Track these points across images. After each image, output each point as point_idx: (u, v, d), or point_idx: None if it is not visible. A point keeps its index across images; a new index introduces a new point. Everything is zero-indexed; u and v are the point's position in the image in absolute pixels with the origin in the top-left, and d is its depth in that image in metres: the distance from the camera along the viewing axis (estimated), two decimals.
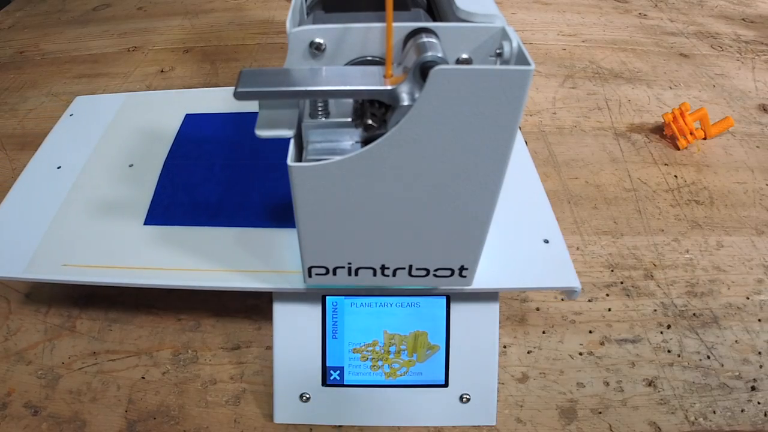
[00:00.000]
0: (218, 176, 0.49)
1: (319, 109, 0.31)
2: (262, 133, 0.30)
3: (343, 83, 0.28)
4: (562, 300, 0.51)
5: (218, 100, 0.58)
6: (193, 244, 0.43)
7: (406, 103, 0.28)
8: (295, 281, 0.39)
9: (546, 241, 0.42)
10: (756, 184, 0.64)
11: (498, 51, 0.29)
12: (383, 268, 0.36)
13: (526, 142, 0.51)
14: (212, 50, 0.89)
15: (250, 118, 0.45)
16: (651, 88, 0.79)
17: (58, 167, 0.51)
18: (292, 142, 0.30)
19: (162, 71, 0.84)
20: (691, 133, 0.67)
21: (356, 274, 0.36)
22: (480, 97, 0.26)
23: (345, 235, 0.33)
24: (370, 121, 0.29)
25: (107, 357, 0.47)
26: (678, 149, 0.68)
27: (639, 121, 0.73)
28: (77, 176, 0.50)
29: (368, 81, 0.28)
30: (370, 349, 0.42)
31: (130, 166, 0.51)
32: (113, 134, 0.55)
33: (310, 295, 0.42)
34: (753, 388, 0.45)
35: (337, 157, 0.29)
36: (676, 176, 0.64)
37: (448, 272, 0.36)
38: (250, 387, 0.45)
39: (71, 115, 0.58)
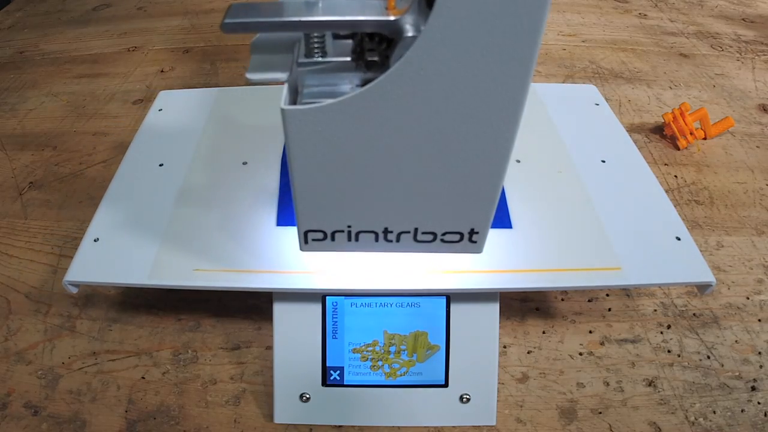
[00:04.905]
0: None
1: (316, 46, 0.28)
2: (253, 76, 0.28)
3: (343, 15, 0.26)
4: (562, 300, 0.51)
5: None
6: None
7: (410, 34, 0.25)
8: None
9: (678, 239, 0.42)
10: (756, 184, 0.64)
11: None
12: (386, 232, 0.33)
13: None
14: (212, 50, 0.89)
15: None
16: (651, 88, 0.79)
17: (161, 164, 0.49)
18: (286, 85, 0.28)
19: (162, 71, 0.84)
20: (691, 133, 0.67)
21: (356, 239, 0.33)
22: (492, 22, 0.23)
23: (344, 192, 0.30)
24: (372, 57, 0.27)
25: (107, 357, 0.47)
26: (678, 149, 0.68)
27: (639, 121, 0.73)
28: (185, 175, 0.47)
29: (369, 12, 0.26)
30: (370, 349, 0.42)
31: (244, 163, 0.48)
32: (214, 130, 0.52)
33: (310, 295, 0.41)
34: (753, 388, 0.45)
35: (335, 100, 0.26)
36: (676, 176, 0.64)
37: (457, 236, 0.33)
38: (250, 387, 0.45)
39: (160, 110, 0.56)
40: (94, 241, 0.42)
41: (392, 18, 0.26)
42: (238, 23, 0.26)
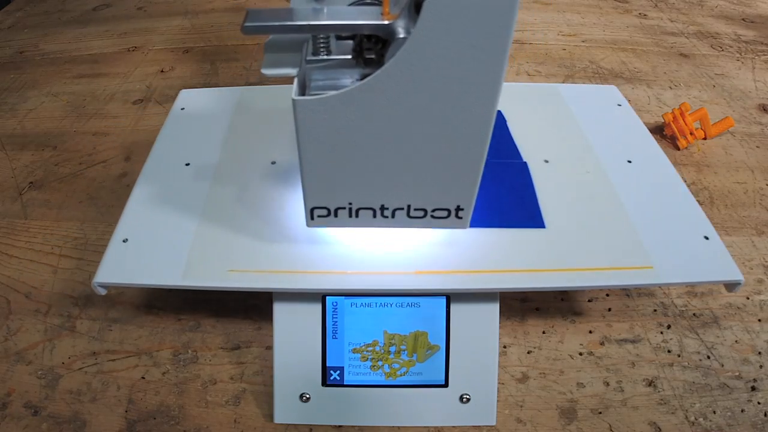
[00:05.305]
0: None
1: (322, 46, 0.33)
2: (267, 71, 0.33)
3: (345, 20, 0.30)
4: (562, 300, 0.51)
5: None
6: (365, 245, 0.41)
7: (402, 35, 0.30)
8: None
9: (706, 238, 0.42)
10: (756, 184, 0.64)
11: None
12: (382, 208, 0.37)
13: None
14: (212, 50, 0.89)
15: None
16: (651, 88, 0.79)
17: (187, 164, 0.48)
18: (295, 80, 0.32)
19: (162, 71, 0.84)
20: (691, 133, 0.67)
21: (357, 216, 0.37)
22: (471, 26, 0.27)
23: (345, 172, 0.34)
24: (369, 56, 0.32)
25: (107, 357, 0.47)
26: (678, 149, 0.68)
27: None
28: (213, 174, 0.47)
29: (367, 18, 0.30)
30: (370, 349, 0.42)
31: (273, 163, 0.48)
32: (240, 129, 0.52)
33: (310, 295, 0.41)
34: (753, 388, 0.45)
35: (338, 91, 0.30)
36: None
37: (445, 213, 0.37)
38: (250, 387, 0.45)
39: (182, 108, 0.56)
40: (123, 241, 0.42)
41: (386, 22, 0.30)
42: (257, 26, 0.30)
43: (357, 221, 0.38)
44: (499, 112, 0.54)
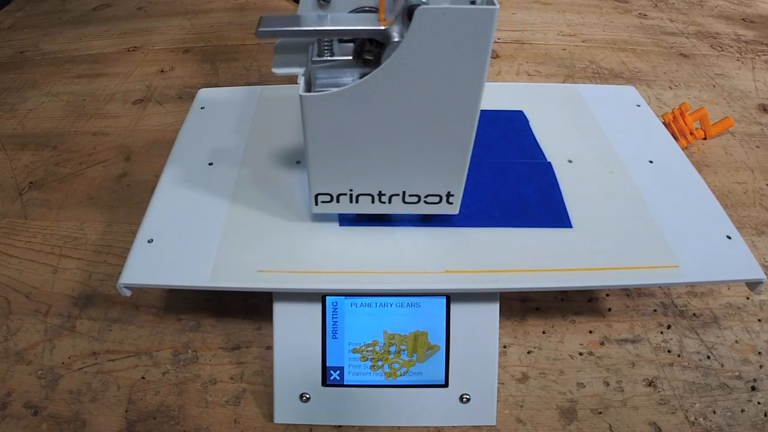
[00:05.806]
0: None
1: (326, 48, 0.37)
2: (277, 71, 0.37)
3: (346, 25, 0.34)
4: (562, 300, 0.51)
5: None
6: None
7: (396, 39, 0.34)
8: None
9: (729, 237, 0.43)
10: (756, 184, 0.64)
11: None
12: (380, 194, 0.40)
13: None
14: (212, 50, 0.89)
15: None
16: (651, 88, 0.79)
17: (210, 163, 0.48)
18: (302, 78, 0.36)
19: (162, 71, 0.84)
20: (691, 133, 0.67)
21: (357, 201, 0.40)
22: (456, 32, 0.31)
23: (347, 161, 0.37)
24: (368, 57, 0.35)
25: (107, 357, 0.47)
26: None
27: None
28: (237, 174, 0.47)
29: (366, 23, 0.34)
30: (370, 349, 0.42)
31: (297, 162, 0.49)
32: (263, 129, 0.52)
33: (310, 295, 0.42)
34: (753, 388, 0.45)
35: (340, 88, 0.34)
36: None
37: (437, 198, 0.40)
38: (250, 387, 0.45)
39: (202, 108, 0.55)
40: (148, 242, 0.41)
41: (382, 28, 0.34)
42: (270, 31, 0.34)
43: (357, 206, 0.40)
44: (521, 112, 0.55)
